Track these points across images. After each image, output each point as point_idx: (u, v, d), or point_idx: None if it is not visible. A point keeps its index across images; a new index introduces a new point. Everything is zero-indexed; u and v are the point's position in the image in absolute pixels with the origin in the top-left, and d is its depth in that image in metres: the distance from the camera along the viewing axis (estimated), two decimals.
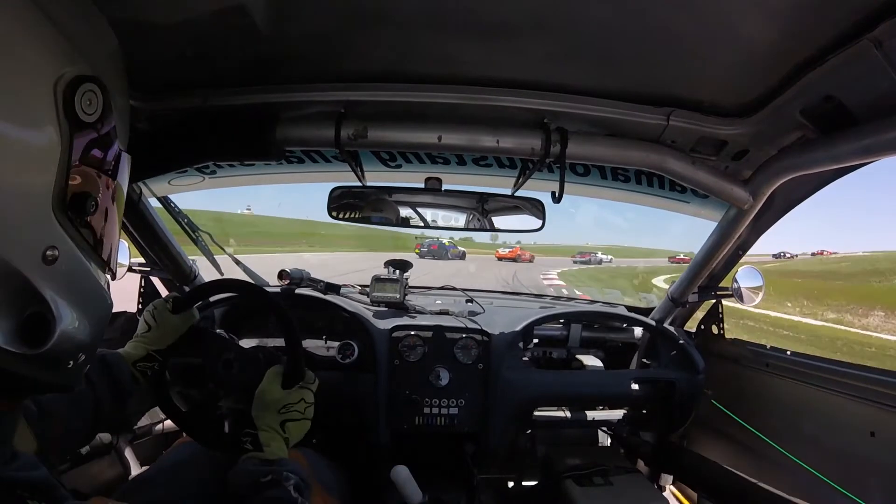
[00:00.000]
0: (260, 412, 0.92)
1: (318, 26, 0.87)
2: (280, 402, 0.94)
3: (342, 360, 1.51)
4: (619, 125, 1.15)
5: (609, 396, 1.59)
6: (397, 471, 1.21)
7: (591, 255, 40.51)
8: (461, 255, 28.40)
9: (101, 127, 0.53)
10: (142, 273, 1.65)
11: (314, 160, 1.54)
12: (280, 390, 0.96)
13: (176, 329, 1.07)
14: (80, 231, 0.52)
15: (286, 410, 0.94)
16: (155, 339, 1.04)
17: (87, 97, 0.50)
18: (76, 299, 0.52)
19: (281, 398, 0.95)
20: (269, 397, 0.94)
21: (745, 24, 0.78)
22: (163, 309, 1.07)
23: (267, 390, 0.95)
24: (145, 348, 1.02)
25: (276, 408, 0.93)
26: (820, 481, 1.23)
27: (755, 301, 1.62)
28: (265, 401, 0.94)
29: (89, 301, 0.55)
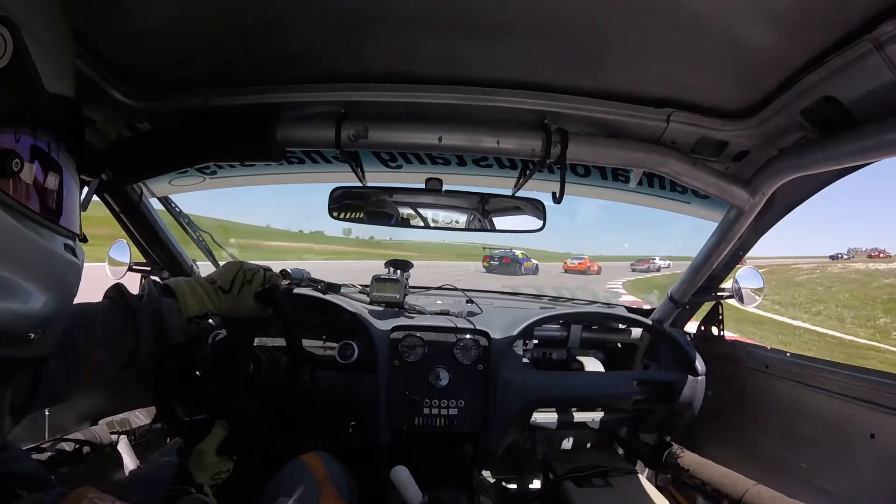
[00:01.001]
0: (197, 469, 0.92)
1: (319, 26, 0.87)
2: (215, 468, 0.94)
3: (342, 360, 1.51)
4: (619, 126, 1.15)
5: (609, 397, 1.59)
6: (397, 471, 1.21)
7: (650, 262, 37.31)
8: (534, 269, 23.85)
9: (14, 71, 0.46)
10: (142, 273, 1.65)
11: (315, 161, 1.54)
12: (215, 456, 0.95)
13: (246, 310, 1.04)
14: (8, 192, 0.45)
15: (217, 476, 0.94)
16: (226, 304, 1.01)
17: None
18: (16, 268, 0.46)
19: (216, 463, 0.94)
20: (207, 459, 0.93)
21: (746, 26, 0.78)
22: (256, 286, 1.04)
23: (207, 452, 0.94)
24: (209, 307, 0.98)
25: (211, 472, 0.92)
26: (820, 482, 1.23)
27: (755, 302, 1.62)
28: (204, 462, 0.93)
29: (36, 268, 0.49)
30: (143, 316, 0.88)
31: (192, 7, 0.81)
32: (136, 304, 0.88)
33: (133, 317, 0.86)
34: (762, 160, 1.18)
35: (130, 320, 0.86)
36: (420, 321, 1.61)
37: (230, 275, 1.04)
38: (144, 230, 1.53)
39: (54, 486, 0.48)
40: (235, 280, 1.03)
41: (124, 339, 0.86)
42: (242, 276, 1.03)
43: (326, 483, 1.09)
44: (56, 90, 0.52)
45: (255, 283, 1.04)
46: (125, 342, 0.86)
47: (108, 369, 0.84)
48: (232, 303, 1.02)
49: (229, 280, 1.03)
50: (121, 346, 0.85)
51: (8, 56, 0.45)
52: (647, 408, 1.66)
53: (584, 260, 29.33)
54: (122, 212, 1.45)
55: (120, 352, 0.85)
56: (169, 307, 0.93)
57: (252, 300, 1.04)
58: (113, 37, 0.89)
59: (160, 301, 0.92)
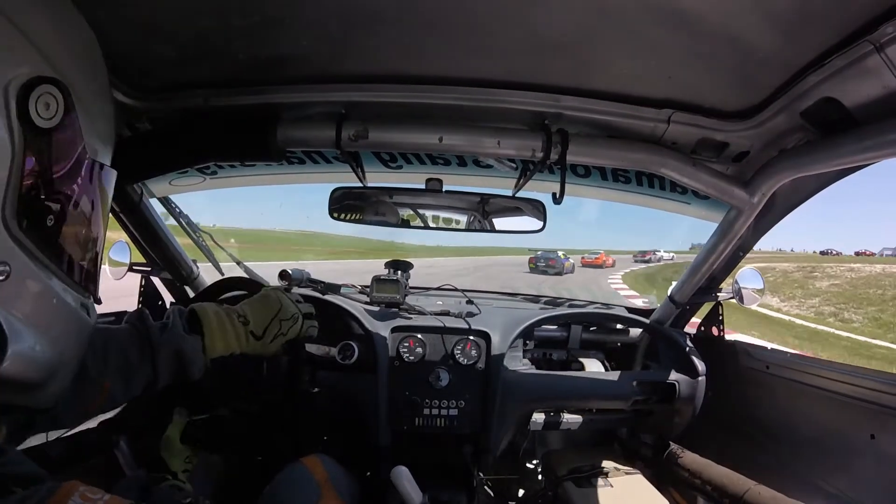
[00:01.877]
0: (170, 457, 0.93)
1: (319, 26, 0.87)
2: (183, 452, 0.95)
3: (342, 360, 1.51)
4: (620, 127, 1.15)
5: (609, 398, 1.59)
6: (397, 471, 1.21)
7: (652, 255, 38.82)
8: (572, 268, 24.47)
9: (61, 132, 0.48)
10: (142, 273, 1.65)
11: (315, 161, 1.54)
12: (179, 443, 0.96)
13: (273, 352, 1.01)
14: (39, 246, 0.47)
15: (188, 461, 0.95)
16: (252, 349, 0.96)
17: (45, 100, 0.46)
18: (35, 319, 0.47)
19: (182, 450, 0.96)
20: (175, 447, 0.95)
21: (746, 26, 0.78)
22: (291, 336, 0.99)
23: (173, 439, 0.95)
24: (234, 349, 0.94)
25: (182, 457, 0.94)
26: (820, 483, 1.23)
27: (756, 303, 1.62)
28: (173, 448, 0.94)
29: (52, 321, 0.50)
30: (164, 351, 0.84)
31: (193, 7, 0.81)
32: (156, 339, 0.84)
33: (152, 352, 0.83)
34: (762, 161, 1.18)
35: (148, 355, 0.82)
36: (420, 322, 1.61)
37: (266, 319, 0.98)
38: (144, 230, 1.53)
39: (44, 481, 0.48)
40: (270, 328, 0.97)
41: (140, 372, 0.82)
42: (278, 327, 0.98)
43: (327, 486, 1.09)
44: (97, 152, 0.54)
45: (289, 335, 1.00)
46: (141, 375, 0.82)
47: (120, 400, 0.81)
48: (260, 348, 0.97)
49: (264, 326, 0.97)
50: (136, 379, 0.82)
51: (59, 116, 0.47)
52: (647, 408, 1.66)
53: (600, 255, 30.84)
54: (122, 212, 1.45)
55: (134, 384, 0.82)
56: (193, 346, 0.88)
57: (279, 347, 1.01)
58: (113, 37, 0.88)
59: (184, 339, 0.87)
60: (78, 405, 0.74)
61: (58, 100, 0.47)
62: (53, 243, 0.49)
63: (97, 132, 0.55)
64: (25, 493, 0.44)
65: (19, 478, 0.46)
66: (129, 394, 0.82)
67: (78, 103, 0.50)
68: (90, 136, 0.53)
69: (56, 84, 0.47)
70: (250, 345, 0.95)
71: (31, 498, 0.44)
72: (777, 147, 1.12)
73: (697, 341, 1.71)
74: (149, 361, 0.82)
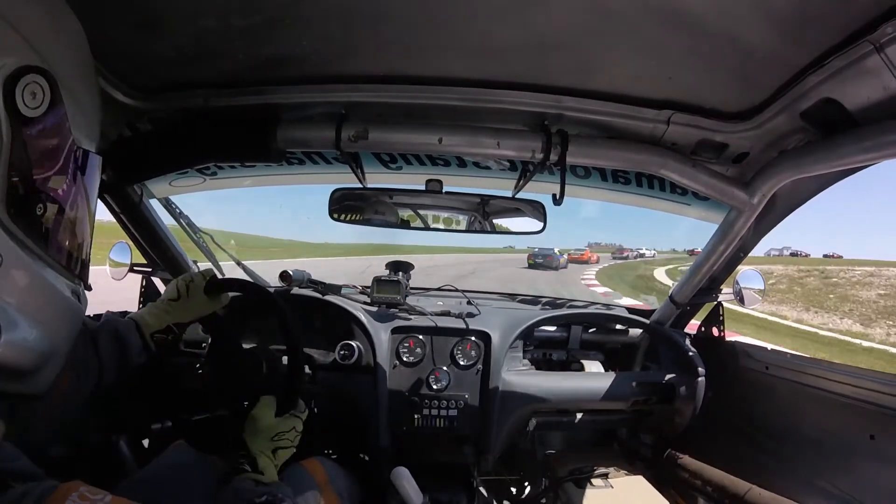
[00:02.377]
0: (253, 437, 0.92)
1: (319, 27, 0.87)
2: (273, 429, 0.94)
3: (342, 361, 1.51)
4: (619, 128, 1.15)
5: (609, 398, 1.59)
6: (397, 472, 1.21)
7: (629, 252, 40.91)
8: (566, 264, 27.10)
9: (48, 122, 0.49)
10: (143, 273, 1.65)
11: (315, 161, 1.54)
12: (273, 418, 0.95)
13: (202, 308, 1.06)
14: (29, 235, 0.47)
15: (278, 438, 0.94)
16: (180, 311, 1.02)
17: (31, 89, 0.46)
18: (27, 307, 0.48)
19: (274, 426, 0.94)
20: (262, 424, 0.94)
21: (746, 27, 0.78)
22: (199, 283, 1.05)
23: (260, 417, 0.95)
24: (166, 319, 1.00)
25: (269, 435, 0.93)
26: (820, 483, 1.23)
27: (756, 303, 1.62)
28: (258, 427, 0.93)
29: (44, 308, 0.51)
30: (102, 336, 0.89)
31: (193, 7, 0.81)
32: (93, 327, 0.90)
33: (93, 339, 0.88)
34: (762, 162, 1.18)
35: (91, 343, 0.87)
36: (420, 322, 1.61)
37: (172, 286, 1.06)
38: (145, 231, 1.53)
39: (42, 478, 0.48)
40: (179, 287, 1.05)
41: (87, 362, 0.86)
42: (183, 282, 1.05)
43: (327, 489, 1.09)
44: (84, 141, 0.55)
45: (196, 280, 1.06)
46: (89, 364, 0.86)
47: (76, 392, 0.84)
48: (184, 306, 1.03)
49: (174, 290, 1.05)
50: (85, 369, 0.85)
51: (45, 105, 0.47)
52: (647, 409, 1.65)
53: (585, 252, 33.33)
54: (122, 212, 1.45)
55: (85, 375, 0.85)
56: (126, 326, 0.94)
57: (202, 296, 1.05)
58: (114, 38, 0.89)
59: (117, 320, 0.94)
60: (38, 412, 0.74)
61: (44, 89, 0.47)
62: (43, 231, 0.49)
63: (84, 121, 0.56)
64: (24, 488, 0.44)
65: (15, 473, 0.46)
66: (82, 389, 0.85)
67: (65, 92, 0.51)
68: (77, 126, 0.54)
69: (43, 73, 0.47)
70: (176, 308, 1.03)
71: (29, 494, 0.44)
72: (777, 148, 1.12)
73: (698, 342, 1.71)
74: (92, 350, 0.87)
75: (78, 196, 0.55)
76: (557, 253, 25.49)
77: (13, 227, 0.46)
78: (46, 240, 0.50)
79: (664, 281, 20.40)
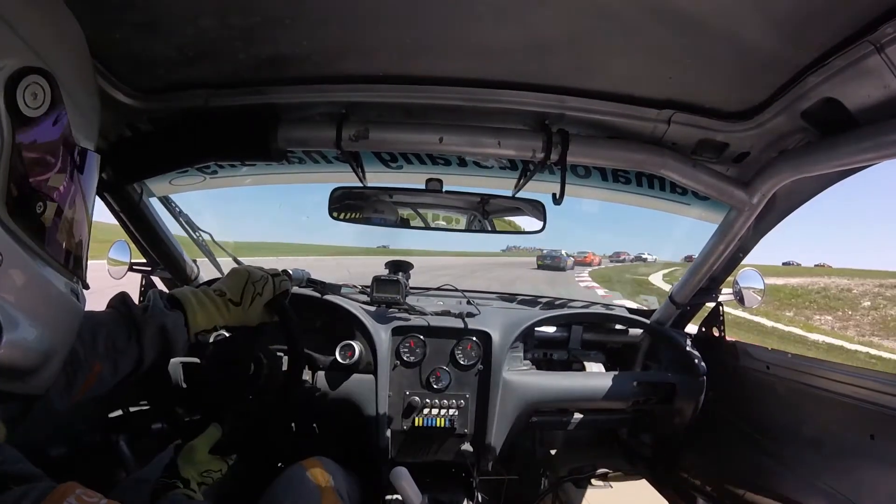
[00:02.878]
0: (186, 465, 0.90)
1: (320, 27, 0.87)
2: (203, 465, 0.92)
3: (342, 361, 1.51)
4: (620, 127, 1.15)
5: (609, 398, 1.59)
6: (397, 472, 1.21)
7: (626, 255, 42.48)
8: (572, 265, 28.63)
9: (49, 122, 0.49)
10: (143, 273, 1.65)
11: (315, 161, 1.54)
12: (206, 454, 0.94)
13: (254, 320, 1.02)
14: (29, 234, 0.48)
15: (206, 475, 0.92)
16: (235, 316, 0.98)
17: (32, 90, 0.46)
18: (28, 306, 0.48)
19: (205, 462, 0.93)
20: (195, 456, 0.92)
21: (747, 27, 0.78)
22: (267, 297, 1.01)
23: (196, 448, 0.93)
24: (219, 323, 0.96)
25: (199, 469, 0.91)
26: (820, 484, 1.23)
27: (756, 303, 1.61)
28: (192, 457, 0.92)
29: (44, 307, 0.51)
30: (148, 330, 0.86)
31: (193, 7, 0.81)
32: (140, 318, 0.86)
33: (137, 331, 0.85)
34: (763, 162, 1.18)
35: (134, 335, 0.84)
36: (420, 322, 1.61)
37: (240, 285, 1.00)
38: (145, 230, 1.53)
39: (41, 478, 0.48)
40: (245, 292, 0.99)
41: (127, 353, 0.84)
42: (252, 288, 1.00)
43: (327, 489, 1.09)
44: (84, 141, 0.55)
45: (265, 294, 1.02)
46: (128, 356, 0.84)
47: (109, 382, 0.82)
48: (242, 315, 0.99)
49: (239, 292, 0.99)
50: (123, 360, 0.83)
51: (46, 106, 0.48)
52: (647, 409, 1.66)
53: (588, 254, 34.95)
54: (122, 211, 1.45)
55: (122, 365, 0.84)
56: (175, 322, 0.90)
57: (261, 309, 1.02)
58: (114, 38, 0.89)
59: (165, 315, 0.89)
60: (68, 389, 0.74)
61: (45, 90, 0.48)
62: (43, 230, 0.49)
63: (83, 122, 0.56)
64: (21, 490, 0.44)
65: (15, 476, 0.46)
66: (118, 375, 0.83)
67: (64, 93, 0.51)
68: (76, 126, 0.54)
69: (43, 74, 0.47)
70: (232, 313, 0.98)
71: (26, 496, 0.44)
72: (777, 148, 1.12)
73: (698, 342, 1.71)
74: (135, 341, 0.84)
75: (76, 195, 0.55)
76: (565, 255, 26.61)
77: (13, 225, 0.46)
78: (45, 238, 0.50)
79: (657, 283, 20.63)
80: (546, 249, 26.84)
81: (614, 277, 23.89)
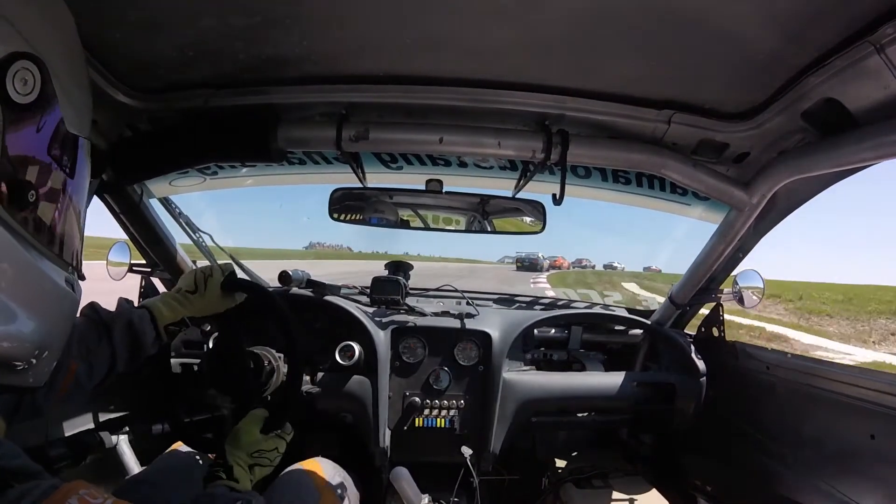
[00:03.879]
0: (233, 449, 0.91)
1: (320, 27, 0.87)
2: (255, 445, 0.93)
3: (342, 361, 1.51)
4: (620, 127, 1.15)
5: (609, 399, 1.59)
6: (397, 472, 1.21)
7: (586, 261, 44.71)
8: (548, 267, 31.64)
9: (39, 108, 0.48)
10: (142, 273, 1.64)
11: (315, 161, 1.54)
12: (257, 434, 0.95)
13: (217, 304, 1.06)
14: (21, 223, 0.47)
15: (258, 455, 0.93)
16: (196, 304, 1.03)
17: (22, 76, 0.46)
18: (24, 298, 0.48)
19: (256, 442, 0.93)
20: (245, 438, 0.93)
21: (747, 28, 0.78)
22: (218, 278, 1.05)
23: (245, 431, 0.94)
24: (182, 312, 1.00)
25: (250, 451, 0.92)
26: (820, 484, 1.23)
27: (756, 303, 1.61)
28: (240, 440, 0.92)
29: (41, 299, 0.51)
30: (117, 326, 0.90)
31: (193, 7, 0.81)
32: (108, 317, 0.91)
33: (108, 330, 0.89)
34: (763, 162, 1.18)
35: (105, 334, 0.89)
36: (420, 322, 1.61)
37: (190, 277, 1.06)
38: (144, 231, 1.52)
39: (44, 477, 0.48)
40: (197, 279, 1.05)
41: (100, 352, 0.87)
42: (202, 275, 1.06)
43: (327, 490, 1.09)
44: (75, 130, 0.54)
45: (215, 275, 1.06)
46: (101, 355, 0.88)
47: (85, 382, 0.85)
48: (202, 300, 1.03)
49: (192, 282, 1.05)
50: (97, 359, 0.87)
51: (36, 92, 0.47)
52: (647, 409, 1.65)
53: (558, 258, 38.38)
54: (122, 212, 1.45)
55: (97, 364, 0.87)
56: (140, 316, 0.95)
57: (219, 292, 1.06)
58: (114, 38, 0.89)
59: (132, 312, 0.94)
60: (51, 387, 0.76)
61: (35, 76, 0.47)
62: (36, 219, 0.49)
63: (74, 112, 0.55)
64: (23, 488, 0.44)
65: (15, 472, 0.46)
66: (94, 375, 0.87)
67: (56, 82, 0.50)
68: (69, 119, 0.53)
69: (33, 60, 0.47)
70: (192, 301, 1.03)
71: (28, 495, 0.43)
72: (777, 148, 1.12)
73: (698, 342, 1.71)
74: (106, 340, 0.88)
75: (68, 184, 0.54)
76: (542, 257, 29.88)
77: (5, 215, 0.45)
78: (40, 229, 0.50)
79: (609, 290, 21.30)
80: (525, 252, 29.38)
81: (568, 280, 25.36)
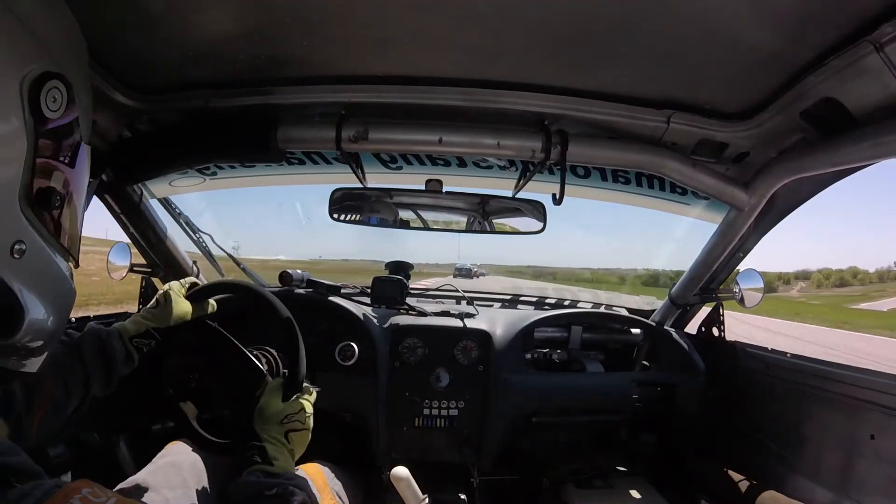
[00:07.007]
0: (263, 425, 0.91)
1: (320, 27, 0.87)
2: (281, 413, 0.93)
3: (343, 361, 1.51)
4: (620, 127, 1.15)
5: (609, 398, 1.59)
6: (397, 472, 1.21)
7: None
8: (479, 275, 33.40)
9: (64, 122, 0.53)
10: (142, 274, 1.64)
11: (315, 162, 1.54)
12: (279, 402, 0.95)
13: (183, 314, 1.06)
14: (46, 224, 0.52)
15: (288, 420, 0.92)
16: (158, 316, 1.03)
17: (52, 94, 0.50)
18: (43, 290, 0.53)
19: (281, 410, 0.93)
20: (270, 410, 0.93)
21: (746, 27, 0.78)
22: (178, 290, 1.07)
23: (267, 404, 0.94)
24: (145, 324, 1.02)
25: (278, 419, 0.91)
26: (820, 483, 1.23)
27: (756, 303, 1.61)
28: (266, 414, 0.92)
29: (55, 291, 0.56)
30: (85, 344, 0.92)
31: (193, 8, 0.81)
32: (76, 337, 0.94)
33: (77, 347, 0.91)
34: (762, 162, 1.18)
35: (76, 353, 0.91)
36: (420, 322, 1.61)
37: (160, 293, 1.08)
38: (145, 231, 1.53)
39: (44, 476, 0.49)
40: (157, 298, 1.07)
41: (74, 371, 0.89)
42: (163, 295, 1.07)
43: (326, 491, 1.09)
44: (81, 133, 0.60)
45: (175, 287, 1.08)
46: (75, 373, 0.89)
47: (63, 403, 0.86)
48: (163, 311, 1.05)
49: (154, 300, 1.07)
50: (71, 378, 0.88)
51: (63, 108, 0.52)
52: (647, 408, 1.65)
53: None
54: (122, 213, 1.45)
55: (72, 385, 0.88)
56: (108, 332, 0.97)
57: (184, 303, 1.07)
58: (114, 39, 0.89)
59: (98, 329, 0.97)
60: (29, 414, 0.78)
61: (63, 93, 0.52)
62: (56, 220, 0.55)
63: (85, 119, 0.61)
64: (24, 488, 0.44)
65: (15, 470, 0.46)
66: (71, 397, 0.88)
67: (75, 93, 0.55)
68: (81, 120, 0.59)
69: (61, 78, 0.51)
70: (154, 313, 1.05)
71: (30, 495, 0.43)
72: (777, 148, 1.12)
73: (698, 342, 1.71)
74: (77, 359, 0.90)
75: (81, 185, 0.61)
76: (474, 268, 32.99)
77: (33, 217, 0.50)
78: (58, 228, 0.55)
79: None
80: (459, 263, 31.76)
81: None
